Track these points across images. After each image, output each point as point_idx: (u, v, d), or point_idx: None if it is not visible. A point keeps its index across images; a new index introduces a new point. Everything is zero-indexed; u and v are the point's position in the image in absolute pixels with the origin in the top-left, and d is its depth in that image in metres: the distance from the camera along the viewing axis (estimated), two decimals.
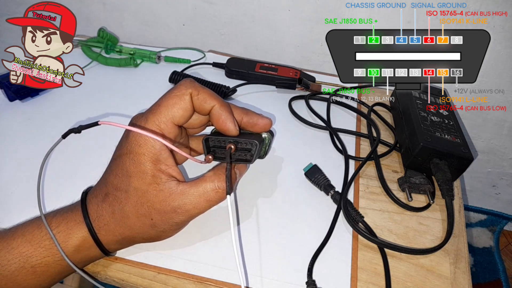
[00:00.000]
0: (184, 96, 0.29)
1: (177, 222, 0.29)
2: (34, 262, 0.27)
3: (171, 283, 0.31)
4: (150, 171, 0.27)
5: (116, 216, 0.28)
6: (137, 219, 0.28)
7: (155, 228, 0.29)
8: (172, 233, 0.31)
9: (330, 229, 0.34)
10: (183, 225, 0.31)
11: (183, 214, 0.28)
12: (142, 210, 0.28)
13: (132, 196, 0.28)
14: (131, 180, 0.28)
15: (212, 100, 0.30)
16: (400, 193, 0.39)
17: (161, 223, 0.28)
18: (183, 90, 0.29)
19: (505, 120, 0.61)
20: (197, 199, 0.28)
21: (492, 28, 0.50)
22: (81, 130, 0.29)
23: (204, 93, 0.30)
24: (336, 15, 0.55)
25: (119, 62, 0.56)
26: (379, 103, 0.50)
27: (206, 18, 0.63)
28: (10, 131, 0.44)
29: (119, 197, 0.28)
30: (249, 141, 0.31)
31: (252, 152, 0.31)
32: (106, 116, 0.46)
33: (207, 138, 0.31)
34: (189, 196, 0.28)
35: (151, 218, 0.28)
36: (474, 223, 0.86)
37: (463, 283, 0.32)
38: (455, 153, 0.36)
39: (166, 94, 0.30)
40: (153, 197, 0.27)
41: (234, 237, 0.26)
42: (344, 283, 0.31)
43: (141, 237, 0.29)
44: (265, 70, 0.53)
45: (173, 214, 0.28)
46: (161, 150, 0.28)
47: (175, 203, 0.28)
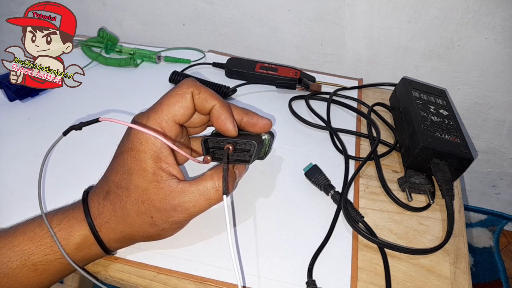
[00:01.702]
0: (186, 95, 0.29)
1: (177, 220, 0.29)
2: (35, 260, 0.27)
3: (171, 283, 0.31)
4: (150, 168, 0.28)
5: (117, 214, 0.28)
6: (137, 217, 0.28)
7: (155, 226, 0.29)
8: (172, 232, 0.31)
9: (330, 229, 0.34)
10: (183, 224, 0.31)
11: (182, 212, 0.28)
12: (142, 208, 0.28)
13: (133, 193, 0.28)
14: (132, 178, 0.28)
15: (213, 99, 0.30)
16: (400, 193, 0.39)
17: (161, 221, 0.28)
18: (184, 89, 0.29)
19: (505, 120, 0.61)
20: (197, 197, 0.28)
21: (492, 28, 0.50)
22: (82, 127, 0.29)
23: (205, 93, 0.30)
24: (336, 15, 0.55)
25: (119, 62, 0.56)
26: (379, 103, 0.50)
27: (206, 18, 0.63)
28: (10, 131, 0.44)
29: (120, 194, 0.28)
30: (248, 142, 0.31)
31: (251, 153, 0.31)
32: (107, 114, 0.46)
33: (206, 139, 0.31)
34: (189, 195, 0.28)
35: (151, 216, 0.28)
36: (474, 223, 0.86)
37: (463, 283, 0.32)
38: (455, 153, 0.36)
39: (168, 93, 0.30)
40: (153, 195, 0.28)
41: (230, 237, 0.26)
42: (344, 283, 0.31)
43: (141, 235, 0.29)
44: (265, 70, 0.53)
45: (173, 212, 0.28)
46: (162, 148, 0.28)
47: (175, 201, 0.28)
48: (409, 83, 0.47)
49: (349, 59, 0.61)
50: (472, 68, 0.56)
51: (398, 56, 0.58)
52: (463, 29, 0.52)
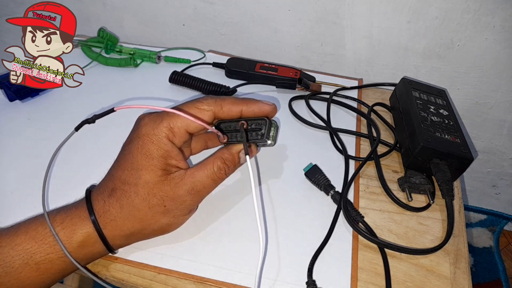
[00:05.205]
0: (205, 111, 0.31)
1: (191, 204, 0.31)
2: (38, 259, 0.27)
3: (171, 283, 0.31)
4: (161, 165, 0.29)
5: (125, 211, 0.28)
6: (149, 209, 0.29)
7: (168, 214, 0.30)
8: (182, 220, 0.32)
9: (330, 229, 0.34)
10: (192, 209, 0.33)
11: (195, 195, 0.30)
12: (154, 200, 0.29)
13: (142, 189, 0.28)
14: (141, 173, 0.29)
15: (237, 106, 0.33)
16: (400, 193, 0.39)
17: (175, 207, 0.30)
18: (205, 106, 0.31)
19: (505, 120, 0.61)
20: (205, 179, 0.30)
21: (492, 28, 0.50)
22: (95, 120, 0.29)
23: (227, 104, 0.32)
24: (336, 15, 0.55)
25: (119, 62, 0.56)
26: (379, 103, 0.50)
27: (206, 18, 0.63)
28: (10, 131, 0.44)
29: (128, 191, 0.28)
30: (259, 120, 0.33)
31: (263, 132, 0.33)
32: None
33: (219, 122, 0.34)
34: (198, 178, 0.30)
35: (164, 205, 0.29)
36: (474, 223, 0.86)
37: (463, 283, 0.32)
38: (455, 153, 0.36)
39: (187, 104, 0.31)
40: (165, 186, 0.29)
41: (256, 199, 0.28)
42: (344, 283, 0.31)
43: (151, 228, 0.30)
44: (265, 70, 0.53)
45: (187, 196, 0.30)
46: (173, 148, 0.30)
47: (188, 186, 0.30)
48: (409, 83, 0.47)
49: (349, 59, 0.61)
50: (472, 68, 0.56)
51: (398, 56, 0.58)
52: (463, 29, 0.52)
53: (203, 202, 0.34)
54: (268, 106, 0.34)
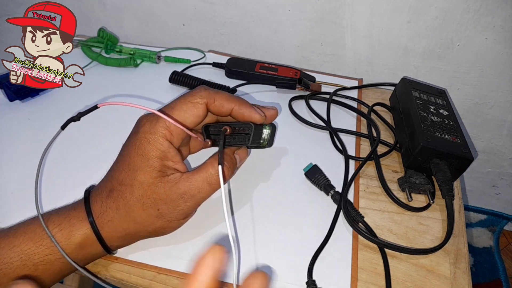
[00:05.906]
0: (198, 104, 0.30)
1: (184, 209, 0.29)
2: (36, 260, 0.27)
3: (171, 283, 0.31)
4: (157, 166, 0.29)
5: (121, 211, 0.28)
6: (143, 211, 0.28)
7: (162, 218, 0.29)
8: (178, 224, 0.32)
9: (330, 229, 0.34)
10: (189, 214, 0.32)
11: (189, 200, 0.29)
12: (148, 202, 0.28)
13: (137, 189, 0.28)
14: (137, 174, 0.28)
15: (229, 103, 0.32)
16: (400, 193, 0.39)
17: (168, 212, 0.29)
18: (198, 98, 0.31)
19: (505, 120, 0.61)
20: (201, 183, 0.29)
21: (492, 28, 0.50)
22: (80, 117, 0.29)
23: (220, 99, 0.31)
24: (336, 15, 0.55)
25: (119, 62, 0.56)
26: (379, 103, 0.50)
27: (206, 18, 0.63)
28: (10, 131, 0.44)
29: (124, 191, 0.28)
30: (245, 125, 0.32)
31: (249, 136, 0.32)
32: (107, 114, 0.46)
33: (206, 125, 0.33)
34: (193, 182, 0.29)
35: (158, 209, 0.29)
36: (474, 223, 0.86)
37: (463, 283, 0.32)
38: (455, 153, 0.36)
39: (180, 99, 0.31)
40: (159, 188, 0.28)
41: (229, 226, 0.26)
42: (344, 283, 0.31)
43: (146, 230, 0.30)
44: (265, 70, 0.53)
45: (180, 200, 0.29)
46: (170, 148, 0.29)
47: (181, 190, 0.29)
48: (409, 83, 0.47)
49: (349, 59, 0.61)
50: (472, 68, 0.56)
51: (398, 56, 0.58)
52: (463, 29, 0.52)
53: (204, 203, 0.34)
54: (257, 116, 0.32)
